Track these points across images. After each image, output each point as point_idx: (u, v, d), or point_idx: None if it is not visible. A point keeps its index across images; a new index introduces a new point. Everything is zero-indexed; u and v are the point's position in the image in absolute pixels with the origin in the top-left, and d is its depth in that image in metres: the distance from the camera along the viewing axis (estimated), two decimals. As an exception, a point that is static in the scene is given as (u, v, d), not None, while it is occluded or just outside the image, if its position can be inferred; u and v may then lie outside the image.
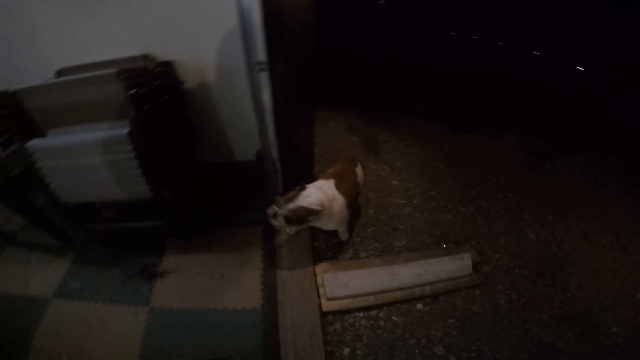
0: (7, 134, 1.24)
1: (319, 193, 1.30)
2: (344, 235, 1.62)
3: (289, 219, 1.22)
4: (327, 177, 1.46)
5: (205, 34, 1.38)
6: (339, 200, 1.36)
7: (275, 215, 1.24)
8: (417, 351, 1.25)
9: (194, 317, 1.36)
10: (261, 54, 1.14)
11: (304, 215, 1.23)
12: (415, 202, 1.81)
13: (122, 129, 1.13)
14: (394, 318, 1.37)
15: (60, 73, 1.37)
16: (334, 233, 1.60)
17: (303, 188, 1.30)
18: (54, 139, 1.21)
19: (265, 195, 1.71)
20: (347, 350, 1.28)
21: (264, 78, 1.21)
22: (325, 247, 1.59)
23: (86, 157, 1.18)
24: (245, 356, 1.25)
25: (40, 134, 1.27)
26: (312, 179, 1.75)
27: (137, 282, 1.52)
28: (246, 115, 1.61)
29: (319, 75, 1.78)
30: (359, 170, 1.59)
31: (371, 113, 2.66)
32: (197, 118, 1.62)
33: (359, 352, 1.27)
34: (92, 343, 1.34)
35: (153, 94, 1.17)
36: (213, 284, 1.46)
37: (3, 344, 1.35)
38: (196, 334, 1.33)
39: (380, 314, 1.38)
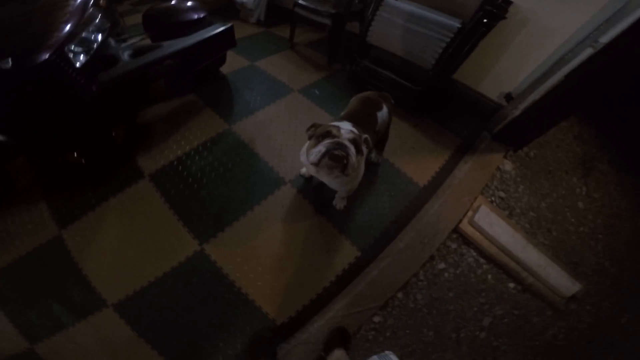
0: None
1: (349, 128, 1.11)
2: (340, 203, 1.51)
3: (356, 142, 1.03)
4: (341, 119, 1.24)
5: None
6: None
7: (338, 147, 0.99)
8: (476, 309, 1.44)
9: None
10: (606, 38, 1.31)
11: (361, 141, 1.07)
12: (580, 230, 1.77)
13: (455, 23, 1.57)
14: (489, 276, 1.52)
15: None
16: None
17: (320, 126, 1.10)
18: (404, 4, 1.75)
19: (473, 127, 1.99)
20: (442, 265, 1.51)
21: (585, 54, 1.39)
22: (492, 191, 1.78)
23: (415, 24, 1.69)
24: (384, 210, 1.58)
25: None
26: (520, 144, 1.88)
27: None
28: (522, 64, 1.77)
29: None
30: (381, 113, 1.35)
31: (607, 142, 2.27)
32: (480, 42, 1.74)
33: (446, 274, 1.49)
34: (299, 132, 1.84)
35: (487, 13, 1.56)
36: (405, 150, 1.85)
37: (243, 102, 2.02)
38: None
39: (485, 266, 1.54)
